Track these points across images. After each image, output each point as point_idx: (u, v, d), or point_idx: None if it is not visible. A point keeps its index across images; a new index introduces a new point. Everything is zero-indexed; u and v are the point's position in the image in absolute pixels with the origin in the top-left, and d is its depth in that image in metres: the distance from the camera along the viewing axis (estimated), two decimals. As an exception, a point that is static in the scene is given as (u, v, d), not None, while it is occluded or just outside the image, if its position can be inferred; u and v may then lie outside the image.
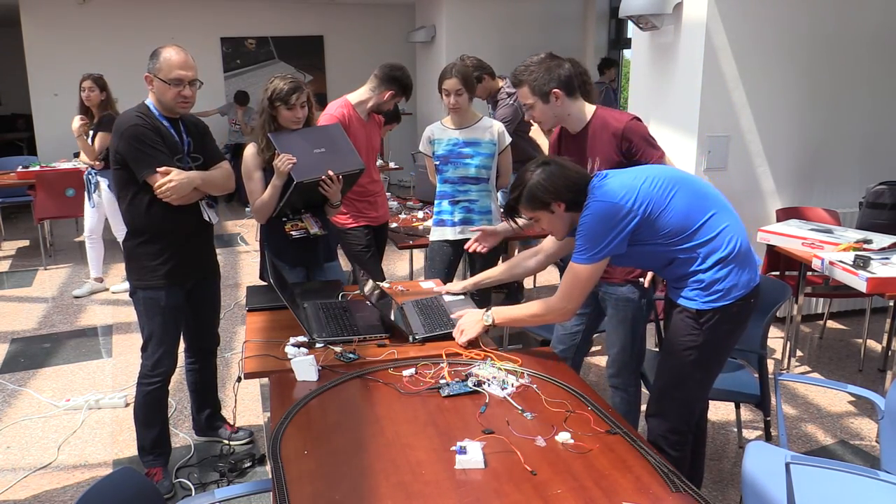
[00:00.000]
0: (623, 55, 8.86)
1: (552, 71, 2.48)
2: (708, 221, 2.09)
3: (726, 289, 2.09)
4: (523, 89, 2.52)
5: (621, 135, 2.48)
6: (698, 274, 2.11)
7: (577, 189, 2.13)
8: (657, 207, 2.06)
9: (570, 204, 2.14)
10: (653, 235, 2.09)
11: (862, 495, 2.00)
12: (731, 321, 2.13)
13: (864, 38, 4.53)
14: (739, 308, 2.12)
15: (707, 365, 2.21)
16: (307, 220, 2.96)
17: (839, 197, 4.67)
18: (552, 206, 2.15)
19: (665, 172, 2.16)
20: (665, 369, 2.28)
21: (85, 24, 8.67)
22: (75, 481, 2.95)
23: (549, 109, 2.51)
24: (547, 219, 2.19)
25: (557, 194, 2.13)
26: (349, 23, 9.68)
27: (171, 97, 2.58)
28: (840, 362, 4.10)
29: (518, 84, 2.54)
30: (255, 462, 3.03)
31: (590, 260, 2.08)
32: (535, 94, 2.49)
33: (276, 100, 2.82)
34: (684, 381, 2.23)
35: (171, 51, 2.57)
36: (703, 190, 2.17)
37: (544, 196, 2.13)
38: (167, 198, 2.56)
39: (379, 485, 1.55)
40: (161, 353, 2.75)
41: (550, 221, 2.20)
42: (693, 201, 2.10)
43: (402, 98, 3.59)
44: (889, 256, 3.27)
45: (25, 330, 4.73)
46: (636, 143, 2.48)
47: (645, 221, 2.06)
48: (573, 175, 2.15)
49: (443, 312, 2.54)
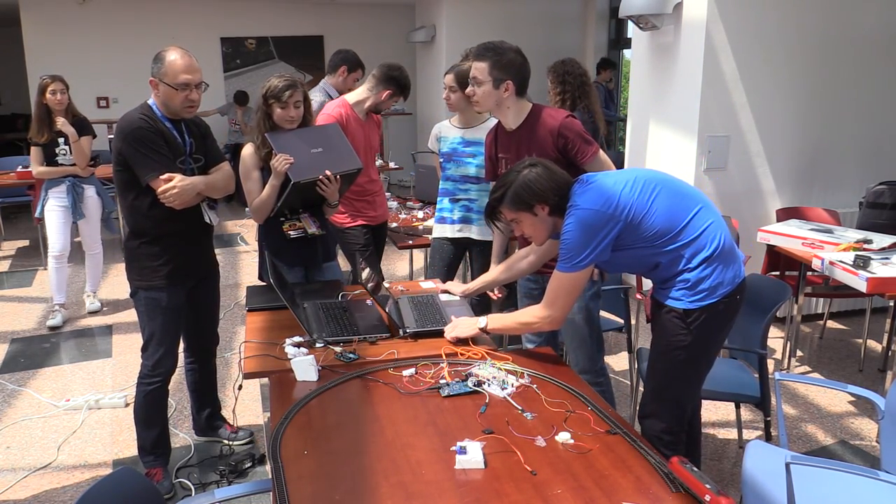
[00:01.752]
0: (623, 55, 8.86)
1: (518, 65, 2.56)
2: (691, 221, 2.09)
3: (711, 287, 2.10)
4: (484, 63, 2.55)
5: (557, 132, 2.53)
6: (684, 273, 2.11)
7: (563, 193, 2.12)
8: (639, 212, 2.06)
9: (553, 208, 2.13)
10: (636, 240, 2.09)
11: (862, 495, 2.00)
12: (718, 319, 2.14)
13: (864, 38, 4.53)
14: (726, 305, 2.12)
15: (697, 364, 2.22)
16: (305, 220, 2.96)
17: (839, 197, 4.67)
18: (535, 208, 2.14)
19: (645, 175, 2.15)
20: (656, 370, 2.29)
21: (85, 24, 8.67)
22: (75, 481, 2.95)
23: (494, 95, 2.57)
24: (529, 222, 2.18)
25: (543, 196, 2.12)
26: (349, 23, 9.67)
27: (179, 102, 2.57)
28: (840, 362, 4.10)
29: (480, 57, 2.57)
30: (255, 462, 3.03)
31: (573, 268, 2.08)
32: (491, 74, 2.55)
33: (270, 97, 2.82)
34: (675, 380, 2.24)
35: (176, 54, 2.55)
36: (684, 189, 2.17)
37: (529, 198, 2.12)
38: (170, 203, 2.56)
39: (379, 485, 1.55)
40: (161, 353, 2.75)
41: (532, 224, 2.19)
42: (675, 201, 2.10)
43: (401, 98, 3.59)
44: (889, 256, 3.27)
45: (25, 330, 4.73)
46: (572, 139, 2.53)
47: (628, 227, 2.06)
48: (559, 178, 2.15)
49: (437, 310, 2.56)
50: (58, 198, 4.67)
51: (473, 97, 2.65)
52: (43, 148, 4.53)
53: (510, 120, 2.64)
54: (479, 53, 2.58)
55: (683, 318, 2.13)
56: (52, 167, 4.59)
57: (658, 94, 4.66)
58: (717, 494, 1.46)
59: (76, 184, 4.69)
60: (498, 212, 2.22)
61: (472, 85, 2.63)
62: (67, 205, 4.68)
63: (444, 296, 2.73)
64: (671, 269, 2.13)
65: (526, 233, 2.24)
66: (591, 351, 2.73)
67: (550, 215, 2.15)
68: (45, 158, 4.56)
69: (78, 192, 4.71)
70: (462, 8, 8.32)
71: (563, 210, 2.12)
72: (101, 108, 8.78)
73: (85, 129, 4.60)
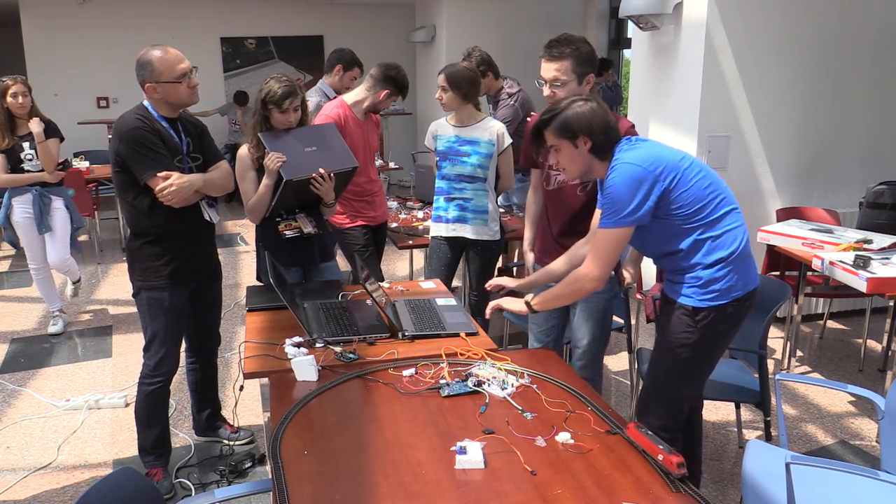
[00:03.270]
0: (623, 55, 8.86)
1: (592, 55, 2.53)
2: (722, 216, 2.10)
3: (723, 289, 2.10)
4: (568, 62, 2.48)
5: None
6: (698, 269, 2.11)
7: (609, 135, 2.11)
8: (681, 183, 2.05)
9: (596, 146, 2.11)
10: (669, 212, 2.08)
11: (862, 495, 2.00)
12: (726, 321, 2.14)
13: (865, 38, 4.53)
14: (735, 309, 2.13)
15: (699, 363, 2.22)
16: (301, 220, 2.96)
17: (839, 197, 4.67)
18: (579, 139, 2.11)
19: (694, 157, 2.16)
20: (657, 366, 2.29)
21: (85, 24, 8.67)
22: (75, 481, 2.95)
23: (574, 91, 2.49)
24: (568, 152, 2.14)
25: (590, 130, 2.09)
26: (349, 23, 9.67)
27: (184, 91, 2.57)
28: (840, 362, 4.09)
29: (561, 56, 2.48)
30: (255, 462, 3.03)
31: (618, 223, 2.06)
32: (574, 71, 2.49)
33: (269, 102, 2.82)
34: (676, 378, 2.25)
35: (160, 51, 2.53)
36: (723, 185, 2.17)
37: (577, 126, 2.10)
38: (168, 201, 2.56)
39: (379, 485, 1.55)
40: (163, 353, 2.75)
41: (570, 156, 2.15)
42: (713, 190, 2.10)
43: (399, 97, 3.59)
44: (889, 256, 3.27)
45: (25, 330, 4.73)
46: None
47: (667, 193, 2.05)
48: (610, 121, 2.13)
49: (434, 314, 2.56)
50: (23, 207, 4.32)
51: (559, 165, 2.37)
52: (7, 154, 4.17)
53: None
54: (558, 54, 2.49)
55: (692, 315, 2.13)
56: (18, 175, 4.22)
57: (658, 94, 4.66)
58: (668, 453, 1.60)
59: (43, 194, 4.32)
60: (542, 135, 2.18)
61: (557, 87, 2.52)
62: (32, 216, 4.34)
63: (441, 299, 2.73)
64: (689, 258, 2.12)
65: (561, 162, 2.20)
66: (596, 350, 2.75)
67: (590, 153, 2.13)
68: (11, 165, 4.19)
69: (45, 202, 4.34)
70: (462, 8, 8.32)
71: (604, 152, 2.11)
72: (101, 108, 8.79)
73: (52, 132, 4.27)
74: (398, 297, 2.78)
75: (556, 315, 2.80)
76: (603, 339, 2.75)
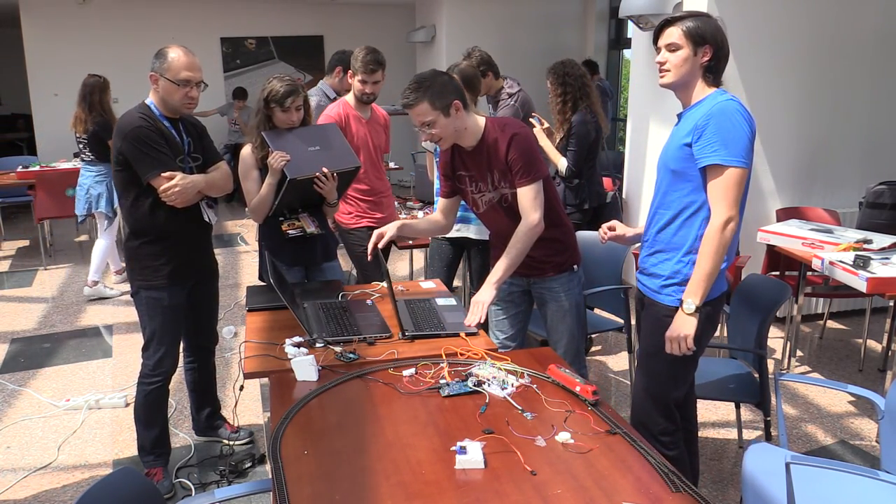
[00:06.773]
0: (623, 55, 8.86)
1: (448, 84, 2.39)
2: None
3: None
4: (422, 106, 2.35)
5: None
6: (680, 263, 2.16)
7: (722, 61, 2.15)
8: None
9: (710, 64, 2.12)
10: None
11: (862, 495, 2.00)
12: (705, 321, 2.17)
13: (865, 39, 4.53)
14: (713, 308, 2.19)
15: (685, 363, 2.24)
16: (304, 220, 2.96)
17: (839, 197, 4.67)
18: (705, 47, 2.09)
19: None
20: (644, 371, 2.32)
21: (85, 24, 8.67)
22: (75, 481, 2.95)
23: (450, 123, 2.40)
24: (684, 55, 2.12)
25: (717, 45, 2.12)
26: (349, 23, 9.67)
27: (179, 98, 2.58)
28: (840, 362, 4.10)
29: (414, 103, 2.36)
30: (255, 462, 3.03)
31: (739, 162, 2.02)
32: (435, 108, 2.36)
33: (271, 101, 2.83)
34: (667, 381, 2.27)
35: (179, 51, 2.57)
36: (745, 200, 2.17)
37: (710, 37, 2.11)
38: (172, 201, 2.57)
39: (379, 485, 1.55)
40: (162, 352, 2.75)
41: (684, 59, 2.13)
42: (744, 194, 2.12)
43: (350, 71, 3.52)
44: (889, 256, 3.27)
45: (25, 330, 4.73)
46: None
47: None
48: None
49: (433, 315, 2.55)
50: None
51: (435, 138, 2.43)
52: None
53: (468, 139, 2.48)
54: (410, 102, 2.37)
55: (672, 315, 2.16)
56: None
57: (658, 94, 4.66)
58: (584, 384, 1.87)
59: None
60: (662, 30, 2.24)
61: (426, 130, 2.41)
62: None
63: (441, 299, 2.72)
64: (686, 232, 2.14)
65: (671, 61, 2.14)
66: (577, 347, 2.74)
67: (702, 67, 2.14)
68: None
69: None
70: (462, 8, 8.32)
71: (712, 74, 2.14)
72: (101, 108, 8.78)
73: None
74: (398, 296, 2.78)
75: (518, 319, 2.78)
76: (581, 335, 2.75)
